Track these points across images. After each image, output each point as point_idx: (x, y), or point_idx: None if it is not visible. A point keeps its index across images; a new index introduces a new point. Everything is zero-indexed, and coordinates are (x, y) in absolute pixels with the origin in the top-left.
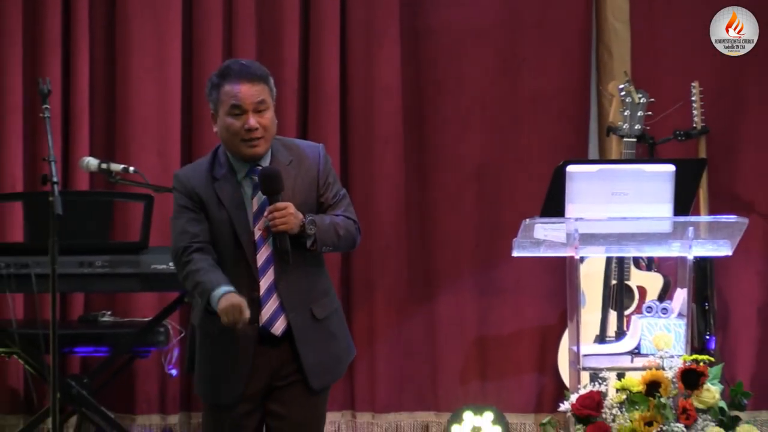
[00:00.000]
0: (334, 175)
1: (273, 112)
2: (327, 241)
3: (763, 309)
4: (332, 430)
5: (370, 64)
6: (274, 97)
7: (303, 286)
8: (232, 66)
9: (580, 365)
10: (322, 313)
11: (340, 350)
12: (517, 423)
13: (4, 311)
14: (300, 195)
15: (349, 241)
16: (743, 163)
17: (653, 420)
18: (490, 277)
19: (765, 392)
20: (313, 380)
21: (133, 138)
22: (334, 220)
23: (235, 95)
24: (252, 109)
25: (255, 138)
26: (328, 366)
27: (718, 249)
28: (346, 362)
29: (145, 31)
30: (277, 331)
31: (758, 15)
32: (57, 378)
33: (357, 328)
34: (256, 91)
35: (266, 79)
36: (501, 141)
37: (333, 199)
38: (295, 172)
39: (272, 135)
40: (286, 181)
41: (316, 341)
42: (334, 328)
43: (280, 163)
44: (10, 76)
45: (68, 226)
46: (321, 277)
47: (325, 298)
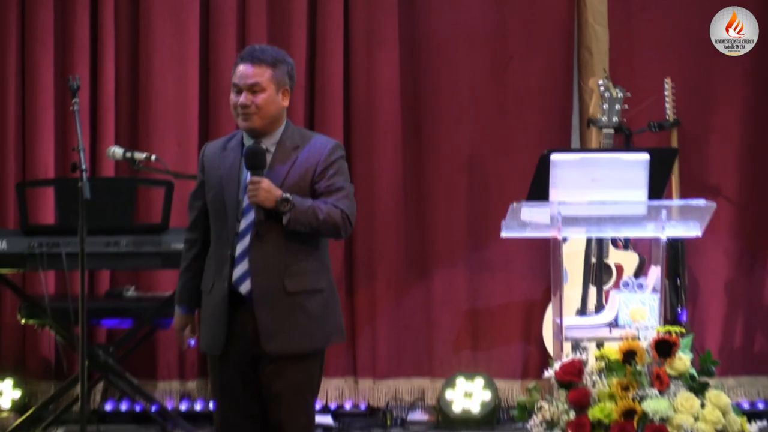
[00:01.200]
0: (338, 170)
1: (275, 95)
2: (303, 221)
3: (730, 284)
4: (337, 394)
5: (371, 66)
6: (286, 83)
7: (278, 258)
8: (246, 49)
9: (563, 336)
10: (296, 288)
11: (311, 326)
12: (505, 388)
13: (37, 287)
14: (293, 177)
15: (331, 227)
16: (711, 152)
17: (629, 386)
18: (481, 256)
19: (731, 360)
20: (266, 343)
21: (154, 129)
22: (316, 205)
23: (236, 74)
24: (246, 88)
25: (247, 113)
26: (288, 335)
27: (688, 230)
28: (318, 341)
29: (166, 33)
30: (244, 290)
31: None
32: (85, 347)
33: (359, 304)
34: (253, 73)
35: (274, 64)
36: (490, 133)
37: (326, 188)
38: (297, 156)
39: (269, 114)
40: (285, 163)
41: (279, 309)
42: (309, 306)
43: (286, 145)
44: (43, 74)
45: (95, 209)
46: (308, 258)
47: (305, 276)
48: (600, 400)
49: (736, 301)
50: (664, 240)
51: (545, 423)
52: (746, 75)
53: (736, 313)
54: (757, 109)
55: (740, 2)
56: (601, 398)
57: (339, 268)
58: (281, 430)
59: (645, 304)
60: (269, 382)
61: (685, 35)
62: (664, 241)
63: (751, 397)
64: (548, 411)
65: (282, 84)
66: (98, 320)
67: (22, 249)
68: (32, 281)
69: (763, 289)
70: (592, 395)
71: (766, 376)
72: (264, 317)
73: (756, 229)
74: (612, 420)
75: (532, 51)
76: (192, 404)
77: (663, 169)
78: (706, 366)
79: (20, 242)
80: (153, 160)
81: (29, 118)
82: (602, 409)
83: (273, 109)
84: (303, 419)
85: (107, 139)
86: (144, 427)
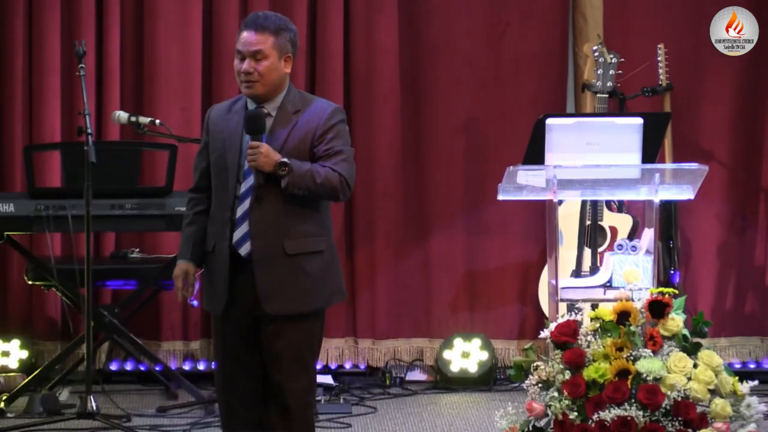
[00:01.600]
0: (338, 133)
1: (278, 62)
2: (301, 184)
3: (722, 247)
4: (337, 355)
5: (370, 29)
6: (289, 49)
7: (277, 220)
8: (250, 16)
9: (558, 297)
10: (295, 250)
11: (310, 287)
12: (502, 348)
13: (44, 249)
14: (293, 140)
15: (329, 190)
16: (703, 116)
17: (623, 346)
18: (478, 218)
19: (723, 321)
20: (266, 304)
21: (159, 94)
22: (314, 168)
23: (239, 41)
24: (249, 55)
25: (250, 81)
26: (287, 296)
27: (681, 193)
28: (318, 301)
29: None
30: (244, 252)
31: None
32: (91, 308)
33: (359, 265)
34: (256, 40)
35: (277, 31)
36: (487, 97)
37: (325, 152)
38: (297, 120)
39: (271, 81)
40: (285, 126)
41: (278, 270)
42: (309, 267)
43: (287, 108)
44: (50, 39)
45: (101, 173)
46: (307, 221)
47: (304, 239)
48: (595, 360)
49: (728, 263)
50: (657, 203)
51: (541, 383)
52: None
53: (727, 275)
54: (747, 73)
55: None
56: (596, 358)
57: (339, 228)
58: (281, 391)
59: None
60: (270, 343)
61: (678, 2)
62: (658, 204)
63: (742, 358)
64: (544, 371)
65: (284, 51)
66: (103, 282)
67: (29, 211)
68: (39, 243)
69: (754, 251)
70: (587, 355)
71: (757, 336)
72: (264, 279)
73: (747, 192)
74: (606, 379)
75: (528, 17)
76: (195, 364)
77: (656, 133)
78: (699, 327)
79: (27, 205)
80: (157, 124)
81: (36, 83)
82: (597, 369)
83: (275, 76)
84: (304, 379)
85: (113, 104)
86: (148, 387)
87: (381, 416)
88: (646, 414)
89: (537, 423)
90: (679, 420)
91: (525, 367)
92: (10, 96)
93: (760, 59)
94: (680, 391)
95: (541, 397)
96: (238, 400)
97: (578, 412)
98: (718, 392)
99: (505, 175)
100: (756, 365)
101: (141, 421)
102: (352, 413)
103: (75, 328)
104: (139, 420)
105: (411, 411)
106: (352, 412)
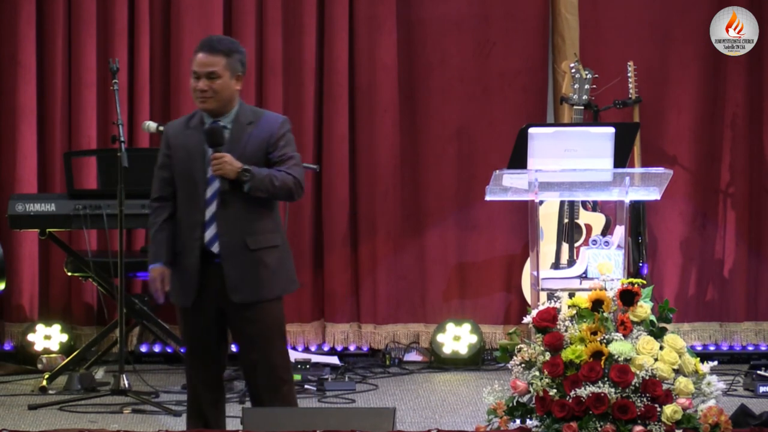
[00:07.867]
0: (288, 141)
1: (229, 80)
2: (261, 188)
3: (685, 242)
4: (342, 338)
5: (372, 48)
6: (239, 69)
7: (240, 220)
8: (204, 39)
9: (540, 287)
10: (255, 245)
11: (269, 277)
12: (489, 332)
13: (82, 244)
14: (251, 148)
15: (286, 191)
16: (668, 125)
17: (597, 330)
18: (468, 216)
19: (686, 308)
20: (232, 293)
21: (184, 105)
22: (272, 173)
23: (195, 62)
24: (204, 75)
25: (204, 97)
26: (250, 285)
27: (649, 194)
28: (276, 289)
29: (194, 20)
30: (215, 249)
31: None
32: (123, 297)
33: (362, 258)
34: (210, 62)
35: (228, 53)
36: (476, 108)
37: (279, 158)
38: (251, 131)
39: (224, 97)
40: (242, 137)
41: (242, 263)
42: (267, 260)
43: (241, 121)
44: (86, 57)
45: (132, 176)
46: (264, 220)
47: (263, 235)
48: (572, 343)
49: (690, 257)
50: (627, 203)
51: (524, 363)
52: (698, 56)
53: (690, 267)
54: (707, 85)
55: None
56: (573, 341)
57: (345, 225)
58: (255, 371)
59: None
60: (240, 328)
61: (646, 24)
62: (628, 204)
63: (703, 341)
64: (527, 352)
65: (235, 71)
66: (134, 273)
67: (68, 210)
68: (77, 239)
69: (713, 246)
70: (565, 339)
71: (716, 322)
72: (231, 271)
73: (707, 193)
74: (582, 360)
75: (513, 37)
76: None
77: (626, 141)
78: (664, 313)
79: (67, 205)
80: None
81: (75, 96)
82: (574, 350)
83: (227, 93)
84: (276, 358)
85: (143, 114)
86: (174, 367)
87: (381, 393)
88: (617, 391)
89: (520, 399)
90: (647, 396)
91: (510, 349)
92: (52, 108)
93: (715, 73)
94: (648, 370)
95: (524, 375)
96: (203, 382)
97: (557, 389)
98: (681, 372)
99: (492, 178)
100: (715, 347)
101: (168, 397)
102: (356, 390)
103: (109, 314)
104: (166, 396)
105: (408, 388)
106: (356, 389)
